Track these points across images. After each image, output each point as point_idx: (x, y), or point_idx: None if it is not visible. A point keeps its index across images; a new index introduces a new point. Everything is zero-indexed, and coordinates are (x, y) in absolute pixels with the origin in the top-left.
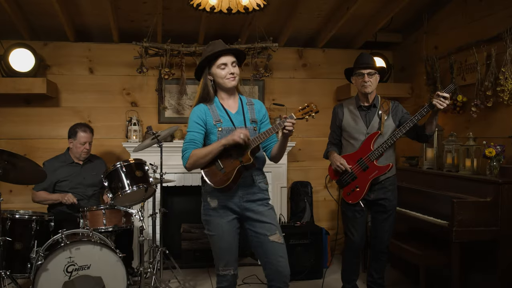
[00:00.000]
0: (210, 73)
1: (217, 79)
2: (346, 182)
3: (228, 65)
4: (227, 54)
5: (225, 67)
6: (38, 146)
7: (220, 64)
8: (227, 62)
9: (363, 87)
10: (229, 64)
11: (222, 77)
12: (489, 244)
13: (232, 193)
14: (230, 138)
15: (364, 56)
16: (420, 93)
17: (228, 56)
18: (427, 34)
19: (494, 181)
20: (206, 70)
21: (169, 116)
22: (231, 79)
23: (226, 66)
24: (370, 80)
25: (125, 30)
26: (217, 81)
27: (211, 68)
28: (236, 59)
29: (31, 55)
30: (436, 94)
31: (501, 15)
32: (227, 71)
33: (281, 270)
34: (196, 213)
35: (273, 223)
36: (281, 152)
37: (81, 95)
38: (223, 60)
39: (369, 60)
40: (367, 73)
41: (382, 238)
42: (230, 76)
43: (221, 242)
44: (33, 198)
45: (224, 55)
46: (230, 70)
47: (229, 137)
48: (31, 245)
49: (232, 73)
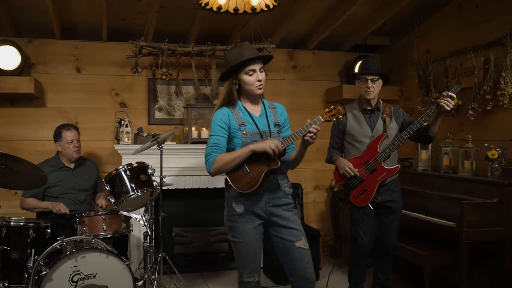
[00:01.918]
0: (237, 78)
1: (245, 85)
2: (354, 185)
3: (256, 71)
4: (256, 60)
5: (254, 73)
6: (22, 148)
7: (249, 70)
8: (255, 69)
9: (366, 93)
10: (257, 70)
11: (250, 84)
12: (493, 245)
13: (258, 198)
14: (260, 145)
15: (369, 61)
16: (410, 96)
17: (257, 62)
18: (418, 38)
19: (499, 182)
20: (233, 74)
21: (159, 118)
22: (259, 87)
23: (255, 72)
24: (373, 86)
25: (114, 28)
26: (243, 87)
27: (239, 73)
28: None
29: (16, 52)
30: (443, 94)
31: (498, 21)
32: (255, 77)
33: (308, 276)
34: (187, 217)
35: (299, 229)
36: (298, 159)
37: (67, 95)
38: (253, 67)
39: (373, 65)
40: (370, 79)
41: (389, 240)
42: (258, 83)
43: (247, 248)
44: (22, 204)
45: (253, 61)
46: (258, 77)
47: (259, 144)
48: (28, 254)
49: (259, 80)
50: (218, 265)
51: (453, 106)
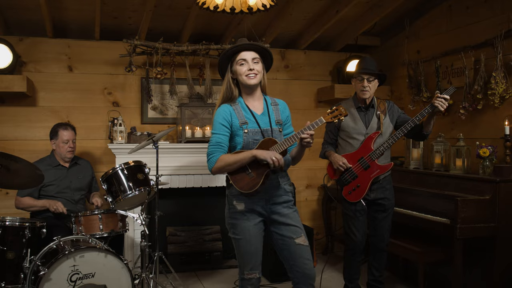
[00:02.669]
0: (231, 71)
1: (237, 76)
2: (347, 181)
3: (248, 61)
4: (247, 50)
5: (245, 63)
6: (13, 148)
7: (239, 59)
8: (246, 58)
9: (362, 92)
10: (249, 60)
11: (241, 73)
12: (485, 241)
13: (259, 196)
14: (265, 155)
15: (366, 61)
16: (400, 95)
17: (249, 52)
18: (408, 39)
19: (491, 180)
20: (229, 67)
21: (152, 117)
22: (251, 76)
23: (246, 62)
24: (369, 85)
25: (107, 27)
26: (238, 79)
27: (232, 65)
28: (259, 57)
29: (8, 50)
30: (437, 93)
31: (488, 23)
32: (246, 67)
33: (308, 272)
34: (181, 216)
35: (299, 226)
36: (297, 158)
37: (59, 94)
38: (243, 56)
39: (370, 65)
40: (366, 78)
41: (382, 236)
42: (249, 72)
43: (248, 245)
44: (17, 204)
45: (245, 51)
46: (249, 66)
47: (264, 153)
48: (23, 254)
49: (251, 69)
50: (212, 264)
51: (447, 106)
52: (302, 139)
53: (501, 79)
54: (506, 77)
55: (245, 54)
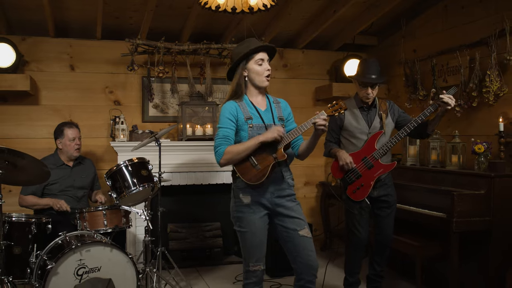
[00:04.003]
0: (246, 68)
1: (253, 74)
2: (351, 180)
3: (265, 61)
4: (266, 51)
5: (263, 63)
6: (15, 147)
7: (258, 59)
8: (264, 58)
9: (365, 97)
10: (266, 61)
11: (260, 74)
12: (481, 234)
13: (264, 189)
14: (269, 135)
15: (370, 66)
16: (397, 94)
17: (265, 53)
18: (405, 38)
19: (486, 175)
20: (242, 64)
21: (153, 115)
22: (268, 78)
23: (264, 62)
24: (373, 91)
25: (108, 26)
26: (251, 77)
27: (248, 63)
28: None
29: (11, 50)
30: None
31: (482, 22)
32: (264, 67)
33: (312, 264)
34: (182, 213)
35: (302, 218)
36: (309, 150)
37: (61, 93)
38: (261, 56)
39: (375, 72)
40: (370, 86)
41: (387, 232)
42: (267, 72)
43: (254, 238)
44: (21, 202)
45: (264, 52)
46: (267, 67)
47: (268, 134)
48: (30, 249)
49: (268, 70)
50: (213, 260)
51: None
52: (317, 124)
53: (495, 77)
54: (500, 75)
55: (263, 55)
